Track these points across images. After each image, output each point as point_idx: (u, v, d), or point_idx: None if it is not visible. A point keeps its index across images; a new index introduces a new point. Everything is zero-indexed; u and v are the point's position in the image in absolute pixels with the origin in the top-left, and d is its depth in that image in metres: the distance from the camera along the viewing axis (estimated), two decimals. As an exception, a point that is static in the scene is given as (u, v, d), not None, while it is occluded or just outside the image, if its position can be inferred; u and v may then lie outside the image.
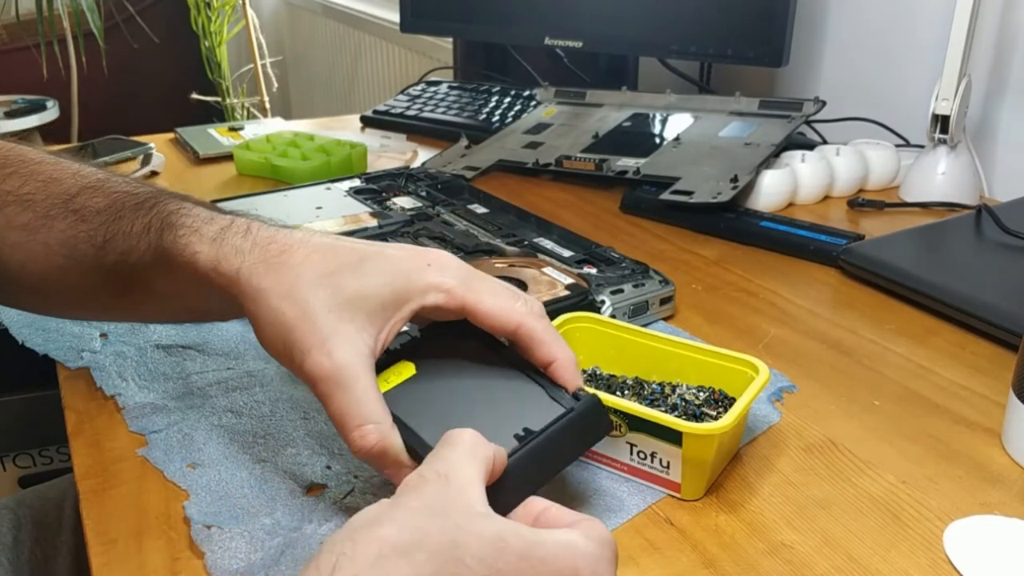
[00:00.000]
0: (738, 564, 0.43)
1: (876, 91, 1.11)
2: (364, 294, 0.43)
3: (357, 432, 0.40)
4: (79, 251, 0.48)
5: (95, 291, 0.50)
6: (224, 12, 2.81)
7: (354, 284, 0.43)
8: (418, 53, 2.03)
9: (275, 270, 0.43)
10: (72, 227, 0.48)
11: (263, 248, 0.44)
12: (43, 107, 2.64)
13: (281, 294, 0.43)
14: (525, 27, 1.21)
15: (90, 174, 0.51)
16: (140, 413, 0.54)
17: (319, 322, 0.42)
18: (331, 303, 0.42)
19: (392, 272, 0.44)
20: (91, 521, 0.46)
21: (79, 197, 0.49)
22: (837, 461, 0.51)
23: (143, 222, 0.47)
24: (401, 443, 0.41)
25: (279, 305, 0.43)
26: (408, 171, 0.91)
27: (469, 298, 0.44)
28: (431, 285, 0.44)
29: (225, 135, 1.16)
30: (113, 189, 0.50)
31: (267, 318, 0.43)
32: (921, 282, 0.70)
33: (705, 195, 0.85)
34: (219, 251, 0.44)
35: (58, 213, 0.49)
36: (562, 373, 0.44)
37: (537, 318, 0.45)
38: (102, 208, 0.49)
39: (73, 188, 0.50)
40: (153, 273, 0.47)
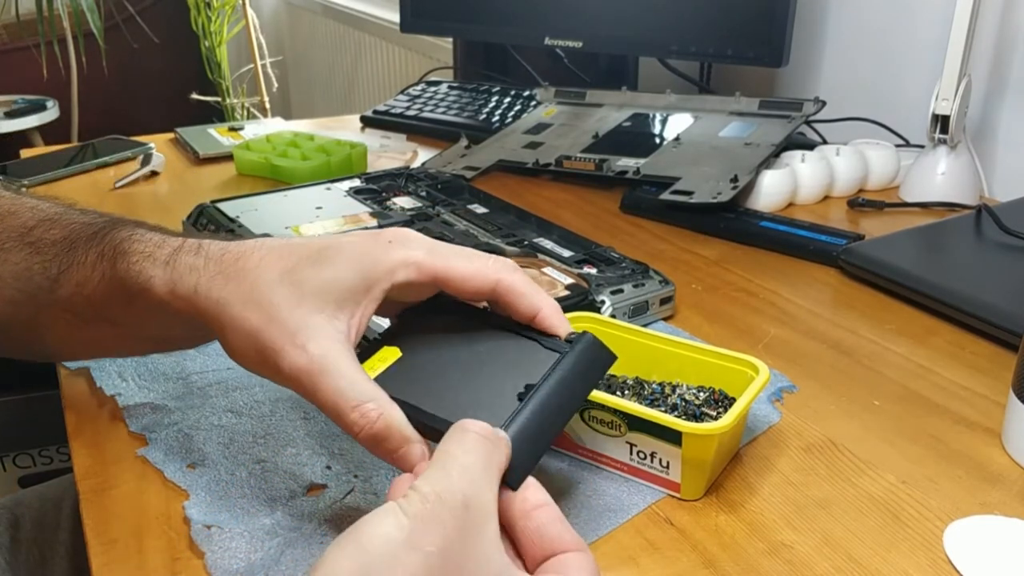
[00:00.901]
0: (738, 564, 0.43)
1: (876, 91, 1.11)
2: (328, 284, 0.41)
3: (356, 413, 0.39)
4: (33, 284, 0.47)
5: (50, 326, 0.48)
6: (224, 12, 2.81)
7: (316, 276, 0.41)
8: (418, 53, 2.03)
9: (232, 279, 0.42)
10: (26, 259, 0.47)
11: (217, 261, 0.43)
12: (43, 107, 2.65)
13: (242, 301, 0.41)
14: (525, 27, 1.21)
15: (48, 208, 0.50)
16: (140, 413, 0.54)
17: (286, 320, 0.40)
18: (295, 299, 0.41)
19: (354, 257, 0.42)
20: (91, 521, 0.46)
21: (36, 230, 0.48)
22: (837, 461, 0.51)
23: (96, 251, 0.46)
24: (403, 416, 0.39)
25: (241, 313, 0.41)
26: (408, 171, 0.91)
27: (439, 265, 0.43)
28: (398, 262, 0.42)
29: (225, 135, 1.16)
30: (70, 221, 0.49)
31: (232, 328, 0.41)
32: (921, 282, 0.70)
33: (705, 195, 0.85)
34: (173, 273, 0.43)
35: (13, 246, 0.47)
36: (550, 321, 0.43)
37: (512, 271, 0.43)
38: (57, 240, 0.47)
39: (30, 221, 0.49)
40: (110, 303, 0.46)
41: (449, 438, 0.36)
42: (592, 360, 0.42)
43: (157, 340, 0.50)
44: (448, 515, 0.33)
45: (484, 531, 0.34)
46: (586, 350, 0.42)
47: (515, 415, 0.39)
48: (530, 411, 0.39)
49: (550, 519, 0.37)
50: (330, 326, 0.40)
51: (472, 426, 0.37)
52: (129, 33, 2.71)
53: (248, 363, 0.42)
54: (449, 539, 0.32)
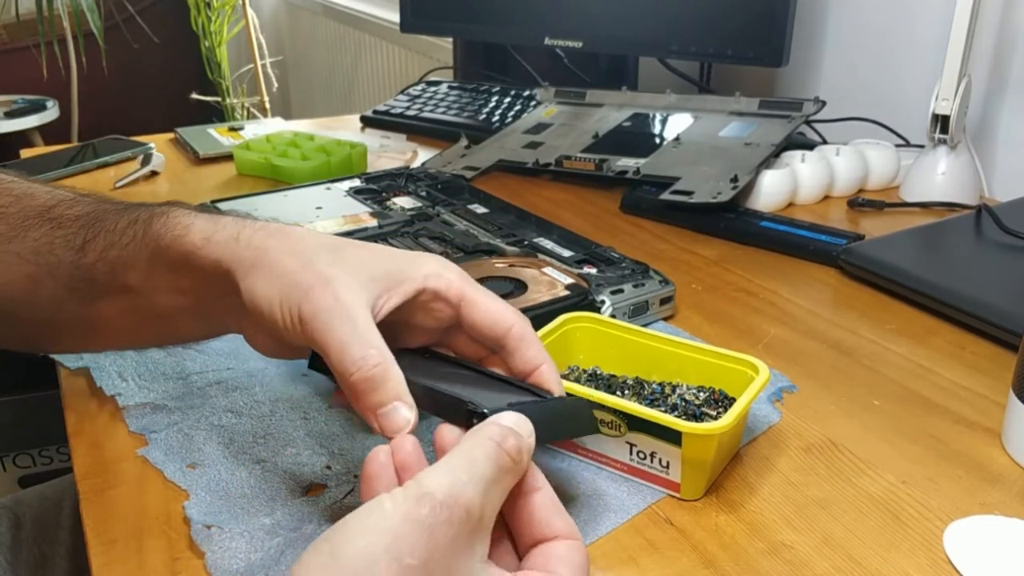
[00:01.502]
0: (738, 564, 0.43)
1: (876, 91, 1.11)
2: (365, 262, 0.43)
3: (359, 351, 0.39)
4: (55, 256, 0.47)
5: (63, 303, 0.48)
6: (224, 12, 2.81)
7: (355, 253, 0.43)
8: (418, 53, 2.03)
9: (277, 235, 0.43)
10: (48, 234, 0.47)
11: (261, 226, 0.44)
12: (43, 107, 2.65)
13: (284, 251, 0.42)
14: (525, 27, 1.21)
15: (66, 192, 0.51)
16: (140, 413, 0.54)
17: (322, 270, 0.41)
18: (334, 261, 0.42)
19: (393, 254, 0.45)
20: (91, 521, 0.46)
21: (56, 208, 0.49)
22: (837, 461, 0.51)
23: (129, 218, 0.47)
24: (403, 379, 0.39)
25: (280, 257, 0.42)
26: (408, 171, 0.91)
27: (468, 291, 0.44)
28: (432, 271, 0.44)
29: (225, 135, 1.16)
30: (92, 201, 0.50)
31: (266, 270, 0.42)
32: (921, 282, 0.70)
33: (705, 195, 0.85)
34: (215, 224, 0.44)
35: (33, 223, 0.48)
36: (548, 376, 0.44)
37: (528, 324, 0.45)
38: (82, 214, 0.48)
39: (50, 201, 0.49)
40: (134, 264, 0.46)
41: (473, 439, 0.35)
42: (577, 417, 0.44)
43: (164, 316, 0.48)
44: (444, 526, 0.31)
45: (474, 548, 0.33)
46: (575, 404, 0.44)
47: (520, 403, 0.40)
48: (533, 406, 0.40)
49: (542, 503, 0.37)
50: (360, 289, 0.41)
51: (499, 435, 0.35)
52: (129, 33, 2.71)
53: (266, 306, 0.42)
54: (436, 552, 0.31)
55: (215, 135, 1.16)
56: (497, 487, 0.34)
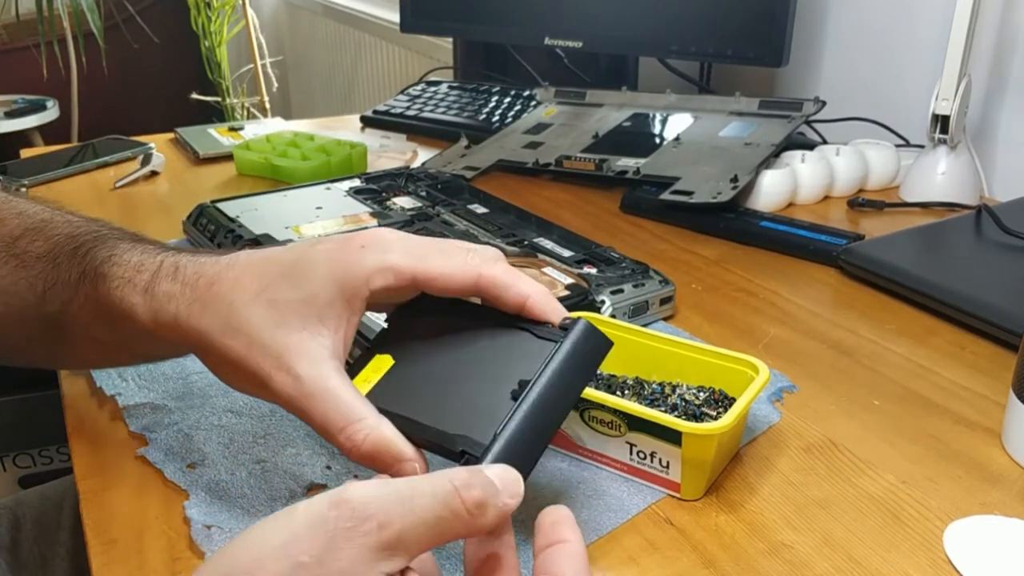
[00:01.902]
0: (738, 564, 0.43)
1: (876, 91, 1.11)
2: (306, 302, 0.40)
3: (343, 436, 0.38)
4: (20, 298, 0.47)
5: (39, 339, 0.48)
6: (224, 12, 2.81)
7: (291, 294, 0.41)
8: (418, 53, 2.03)
9: (209, 306, 0.41)
10: (13, 273, 0.47)
11: (192, 287, 0.42)
12: (43, 107, 2.65)
13: (221, 329, 0.41)
14: (525, 27, 1.21)
15: (35, 215, 0.50)
16: (140, 413, 0.54)
17: (268, 344, 0.40)
18: (273, 321, 0.40)
19: (327, 268, 0.41)
20: (91, 521, 0.46)
21: (21, 240, 0.48)
22: (837, 461, 0.51)
23: (78, 270, 0.46)
24: (394, 433, 0.38)
25: (222, 341, 0.41)
26: (408, 171, 0.91)
27: (418, 268, 0.41)
28: (373, 269, 0.41)
29: (225, 135, 1.16)
30: (54, 232, 0.48)
31: (218, 358, 0.41)
32: (921, 282, 0.70)
33: (705, 195, 0.85)
34: (153, 301, 0.43)
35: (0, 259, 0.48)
36: (540, 308, 0.41)
37: (494, 262, 0.42)
38: (42, 254, 0.47)
39: (16, 230, 0.48)
40: (96, 324, 0.46)
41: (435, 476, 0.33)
42: (588, 348, 0.41)
43: (145, 356, 0.49)
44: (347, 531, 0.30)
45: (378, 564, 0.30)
46: (580, 338, 0.40)
47: (509, 418, 0.38)
48: (524, 412, 0.38)
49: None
50: (314, 343, 0.40)
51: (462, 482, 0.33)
52: (129, 33, 2.71)
53: (240, 387, 0.42)
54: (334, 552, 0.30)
55: (215, 135, 1.16)
56: (432, 527, 0.32)
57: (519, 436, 0.37)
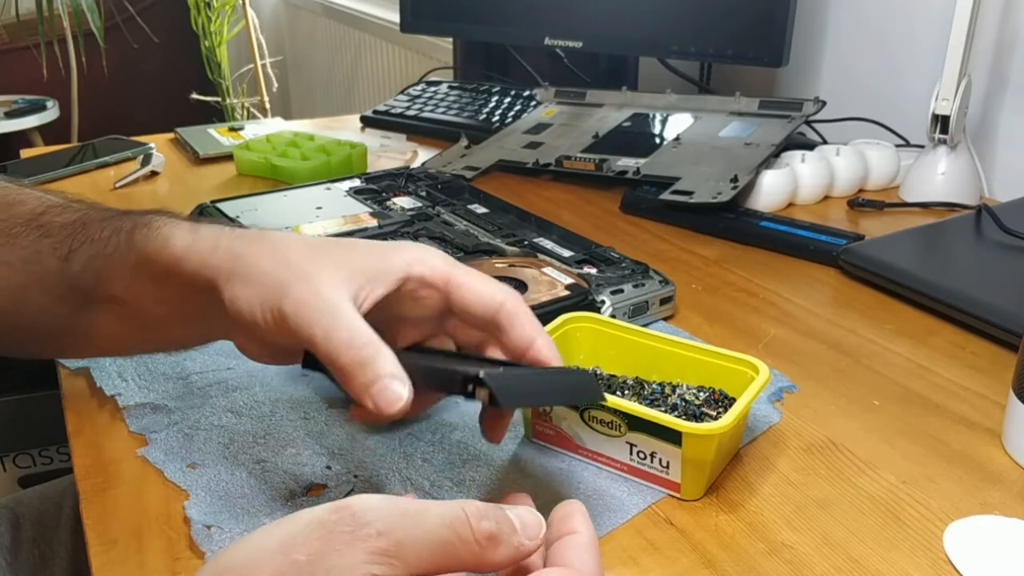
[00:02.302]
0: (738, 564, 0.43)
1: (876, 91, 1.11)
2: (345, 257, 0.42)
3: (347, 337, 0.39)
4: (42, 265, 0.47)
5: (52, 310, 0.48)
6: (224, 12, 2.81)
7: (336, 249, 0.43)
8: (418, 53, 2.03)
9: (254, 240, 0.43)
10: (36, 242, 0.47)
11: (241, 232, 0.44)
12: (43, 107, 2.65)
13: (262, 255, 0.42)
14: (525, 27, 1.21)
15: (55, 197, 0.50)
16: (140, 413, 0.54)
17: (301, 266, 0.41)
18: (312, 257, 0.42)
19: (373, 247, 0.44)
20: (91, 521, 0.46)
21: (44, 215, 0.48)
22: (837, 461, 0.51)
23: (113, 226, 0.46)
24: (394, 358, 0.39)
25: (257, 262, 0.42)
26: (408, 171, 0.91)
27: (454, 273, 0.43)
28: (415, 258, 0.43)
29: (225, 135, 1.16)
30: (80, 207, 0.49)
31: (244, 276, 0.42)
32: (921, 282, 0.70)
33: (705, 195, 0.85)
34: (195, 234, 0.44)
35: (21, 231, 0.48)
36: (545, 352, 0.43)
37: (519, 300, 0.44)
38: (68, 222, 0.48)
39: (38, 208, 0.49)
40: (118, 274, 0.46)
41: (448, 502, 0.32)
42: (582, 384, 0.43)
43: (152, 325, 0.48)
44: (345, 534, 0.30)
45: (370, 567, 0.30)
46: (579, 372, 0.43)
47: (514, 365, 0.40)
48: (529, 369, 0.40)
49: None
50: (341, 283, 0.41)
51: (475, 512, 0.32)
52: (129, 33, 2.71)
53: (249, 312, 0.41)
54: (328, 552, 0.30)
55: (215, 135, 1.16)
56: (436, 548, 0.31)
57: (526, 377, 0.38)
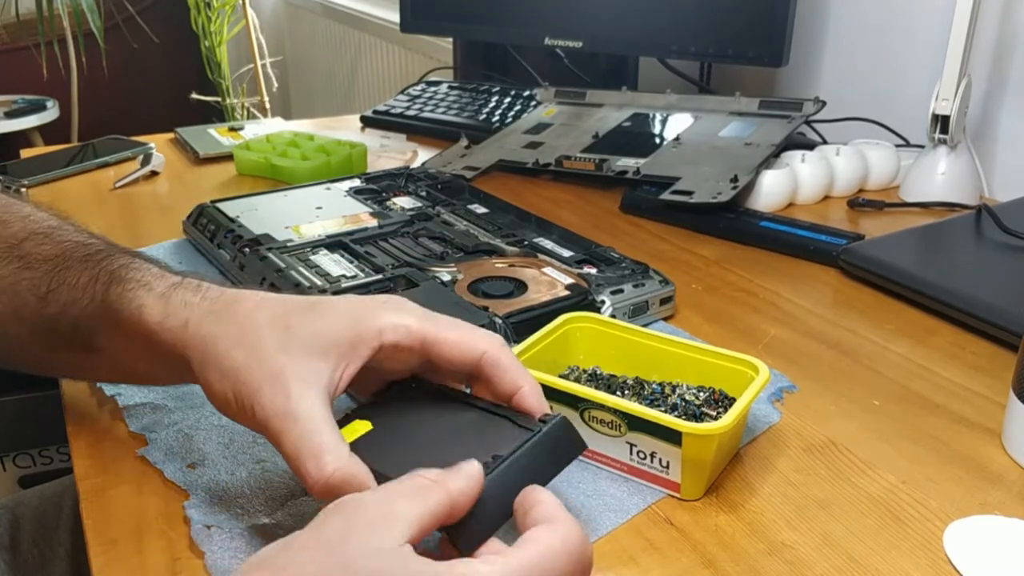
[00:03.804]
0: (738, 564, 0.43)
1: (876, 91, 1.11)
2: (317, 332, 0.41)
3: (312, 463, 0.37)
4: (20, 299, 0.46)
5: (29, 344, 0.48)
6: (224, 12, 2.81)
7: (306, 324, 0.41)
8: (418, 53, 2.03)
9: (224, 319, 0.42)
10: (15, 274, 0.47)
11: (212, 300, 0.43)
12: (43, 107, 2.65)
13: (231, 341, 0.41)
14: (525, 27, 1.21)
15: (41, 220, 0.50)
16: (140, 413, 0.54)
17: (270, 361, 0.40)
18: (282, 343, 0.41)
19: (345, 313, 0.42)
20: (91, 521, 0.46)
21: (26, 243, 0.48)
22: (837, 461, 0.51)
23: (90, 274, 0.46)
24: (365, 471, 0.38)
25: (228, 351, 0.41)
26: (408, 171, 0.91)
27: (429, 330, 0.42)
28: (389, 324, 0.42)
29: (225, 135, 1.16)
30: (63, 238, 0.48)
31: (216, 366, 0.41)
32: (921, 282, 0.70)
33: (705, 195, 0.85)
34: (167, 305, 0.43)
35: (3, 258, 0.47)
36: (529, 400, 0.42)
37: (500, 346, 0.43)
38: (49, 256, 0.47)
39: (21, 233, 0.48)
40: (95, 328, 0.45)
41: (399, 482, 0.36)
42: (562, 443, 0.42)
43: (130, 373, 0.49)
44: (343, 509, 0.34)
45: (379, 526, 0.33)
46: (556, 431, 0.41)
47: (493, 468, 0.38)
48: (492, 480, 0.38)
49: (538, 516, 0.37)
50: (312, 373, 0.40)
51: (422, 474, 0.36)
52: (129, 33, 2.71)
53: (223, 403, 0.41)
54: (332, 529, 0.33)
55: (215, 135, 1.16)
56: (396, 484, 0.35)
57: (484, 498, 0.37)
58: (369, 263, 0.68)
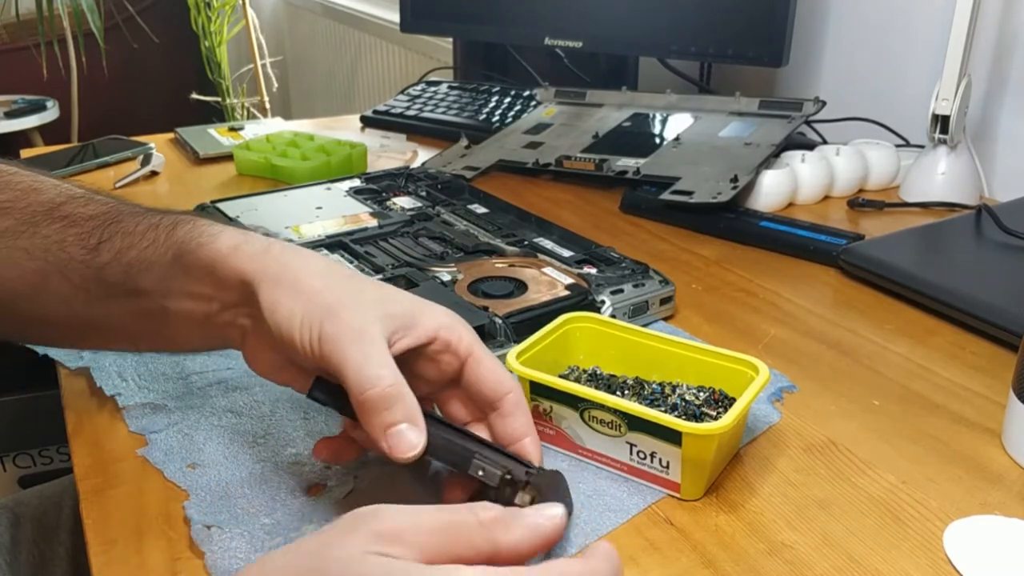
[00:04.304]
0: (738, 564, 0.43)
1: (876, 91, 1.11)
2: (383, 298, 0.44)
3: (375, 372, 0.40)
4: (66, 253, 0.47)
5: (70, 300, 0.48)
6: (224, 12, 2.81)
7: (374, 289, 0.45)
8: (418, 53, 2.03)
9: (304, 257, 0.45)
10: (60, 231, 0.48)
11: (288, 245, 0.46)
12: (43, 107, 2.65)
13: (311, 271, 0.44)
14: (525, 27, 1.21)
15: (74, 187, 0.51)
16: (140, 413, 0.54)
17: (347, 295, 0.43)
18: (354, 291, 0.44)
19: (409, 298, 0.46)
20: (91, 521, 0.46)
21: (66, 205, 0.49)
22: (837, 461, 0.51)
23: (149, 222, 0.47)
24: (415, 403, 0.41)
25: (304, 277, 0.43)
26: (408, 171, 0.91)
27: (476, 348, 0.45)
28: (446, 323, 0.45)
29: (225, 135, 1.16)
30: (104, 201, 0.50)
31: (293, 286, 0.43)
32: (921, 282, 0.70)
33: (705, 195, 0.85)
34: (245, 236, 0.45)
35: (42, 220, 0.48)
36: (530, 449, 0.45)
37: (523, 394, 0.46)
38: (95, 214, 0.48)
39: (58, 198, 0.49)
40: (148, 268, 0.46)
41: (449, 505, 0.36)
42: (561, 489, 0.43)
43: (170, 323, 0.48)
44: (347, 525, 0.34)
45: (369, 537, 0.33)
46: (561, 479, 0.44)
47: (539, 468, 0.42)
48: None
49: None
50: (377, 321, 0.42)
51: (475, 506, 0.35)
52: (129, 33, 2.71)
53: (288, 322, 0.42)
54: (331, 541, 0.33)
55: (215, 135, 1.16)
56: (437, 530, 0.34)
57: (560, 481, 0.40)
58: (369, 263, 0.68)
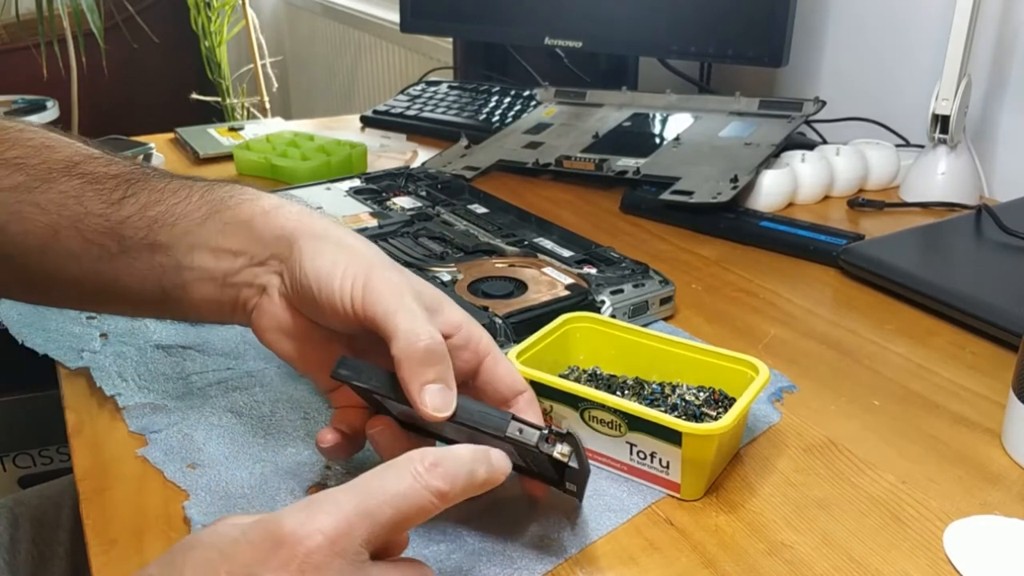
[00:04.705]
0: (738, 564, 0.43)
1: (876, 91, 1.11)
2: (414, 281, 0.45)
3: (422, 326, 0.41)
4: (82, 208, 0.46)
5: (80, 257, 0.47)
6: (224, 12, 2.81)
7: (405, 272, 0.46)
8: (418, 53, 2.02)
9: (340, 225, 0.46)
10: (79, 188, 0.47)
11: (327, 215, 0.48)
12: (43, 107, 2.64)
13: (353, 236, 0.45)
14: (525, 27, 1.21)
15: (90, 149, 0.50)
16: (140, 413, 0.54)
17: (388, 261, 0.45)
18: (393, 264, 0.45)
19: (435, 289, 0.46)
20: (91, 521, 0.46)
21: (84, 164, 0.48)
22: (837, 461, 0.51)
23: (181, 182, 0.48)
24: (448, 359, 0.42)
25: (345, 237, 0.45)
26: (408, 171, 0.91)
27: (494, 348, 0.46)
28: (466, 319, 0.45)
29: (225, 135, 1.16)
30: (128, 163, 0.50)
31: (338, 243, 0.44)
32: (921, 282, 0.70)
33: (705, 195, 0.85)
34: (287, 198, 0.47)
35: (59, 176, 0.47)
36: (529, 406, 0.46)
37: (535, 398, 0.47)
38: (119, 173, 0.48)
39: (75, 156, 0.49)
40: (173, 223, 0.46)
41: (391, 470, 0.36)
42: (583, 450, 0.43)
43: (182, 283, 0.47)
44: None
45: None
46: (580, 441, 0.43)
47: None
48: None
49: None
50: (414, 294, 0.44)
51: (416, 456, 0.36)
52: (129, 33, 2.71)
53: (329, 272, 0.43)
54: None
55: (215, 135, 1.16)
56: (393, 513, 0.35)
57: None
58: (369, 263, 0.67)
